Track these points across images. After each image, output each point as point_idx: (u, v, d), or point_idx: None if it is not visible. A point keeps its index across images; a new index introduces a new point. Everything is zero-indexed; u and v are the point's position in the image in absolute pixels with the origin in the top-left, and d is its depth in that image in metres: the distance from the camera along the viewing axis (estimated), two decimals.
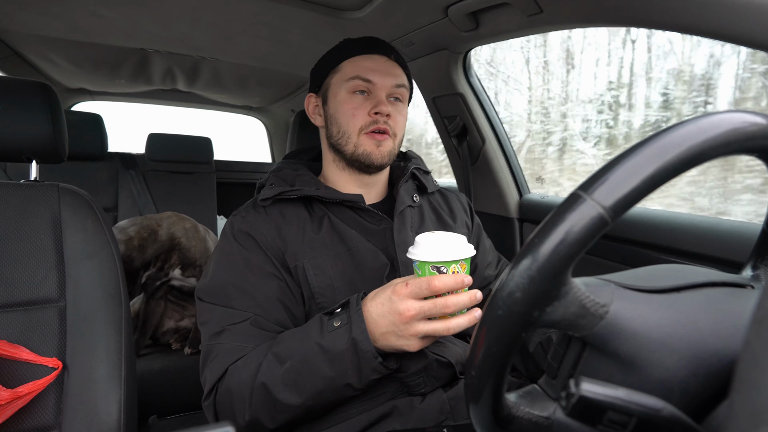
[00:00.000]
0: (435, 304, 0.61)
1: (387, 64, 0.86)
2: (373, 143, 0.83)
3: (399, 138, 0.87)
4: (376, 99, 0.83)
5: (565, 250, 0.32)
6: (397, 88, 0.86)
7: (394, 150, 0.87)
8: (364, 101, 0.83)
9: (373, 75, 0.83)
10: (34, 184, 0.87)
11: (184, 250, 1.43)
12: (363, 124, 0.83)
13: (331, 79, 0.87)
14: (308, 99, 0.93)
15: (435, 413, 0.75)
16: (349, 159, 0.85)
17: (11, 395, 0.71)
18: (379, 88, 0.84)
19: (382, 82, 0.84)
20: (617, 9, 0.80)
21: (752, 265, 0.45)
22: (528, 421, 0.37)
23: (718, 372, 0.34)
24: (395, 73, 0.86)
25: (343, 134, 0.84)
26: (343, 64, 0.86)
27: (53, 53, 1.60)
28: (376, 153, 0.83)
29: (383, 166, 0.86)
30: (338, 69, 0.86)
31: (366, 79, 0.83)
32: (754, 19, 0.62)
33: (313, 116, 0.92)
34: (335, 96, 0.86)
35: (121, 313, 0.86)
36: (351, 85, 0.83)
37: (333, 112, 0.86)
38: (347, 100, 0.84)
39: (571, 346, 0.38)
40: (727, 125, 0.33)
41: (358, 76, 0.83)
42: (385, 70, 0.85)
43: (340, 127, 0.84)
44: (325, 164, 0.92)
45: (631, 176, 0.32)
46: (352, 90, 0.84)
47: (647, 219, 0.99)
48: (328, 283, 0.78)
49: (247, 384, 0.68)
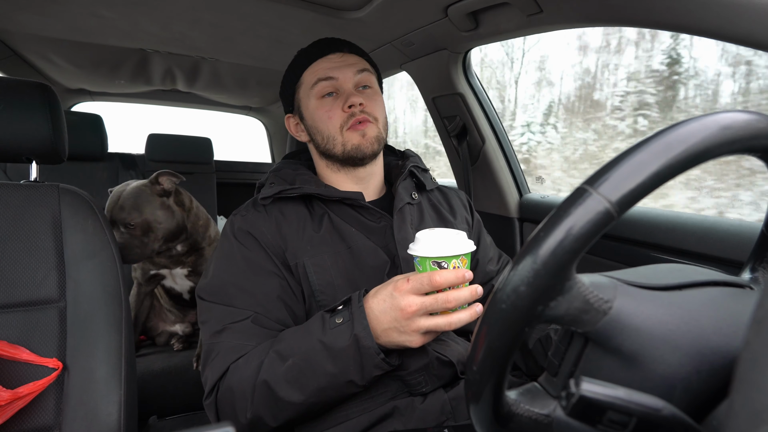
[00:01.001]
0: (436, 299, 0.61)
1: (343, 58, 0.87)
2: (358, 134, 0.83)
3: (382, 121, 0.88)
4: (344, 94, 0.84)
5: (571, 244, 0.32)
6: (361, 74, 0.87)
7: (381, 134, 0.87)
8: (334, 101, 0.85)
9: (333, 71, 0.85)
10: (34, 185, 0.87)
11: (191, 229, 1.41)
12: (341, 121, 0.84)
13: (299, 94, 0.89)
14: (287, 121, 0.94)
15: (436, 413, 0.75)
16: (342, 159, 0.86)
17: (11, 396, 0.71)
18: (343, 81, 0.85)
19: (343, 75, 0.85)
20: (617, 9, 0.80)
21: (751, 267, 0.45)
22: (528, 419, 0.37)
23: (719, 369, 0.34)
24: (353, 62, 0.87)
25: (328, 138, 0.85)
26: (303, 75, 0.88)
27: (53, 53, 1.60)
28: (364, 142, 0.84)
29: (375, 153, 0.86)
30: (301, 82, 0.88)
31: (327, 77, 0.84)
32: (754, 19, 0.62)
33: (297, 135, 0.93)
34: (307, 107, 0.87)
35: (121, 314, 0.86)
36: (317, 90, 0.85)
37: (311, 122, 0.87)
38: (319, 105, 0.85)
39: (573, 343, 0.38)
40: (731, 124, 0.33)
41: (319, 79, 0.85)
42: (342, 63, 0.86)
43: (322, 133, 0.85)
44: (320, 170, 0.93)
45: (636, 172, 0.32)
46: (320, 95, 0.85)
47: (647, 219, 0.99)
48: (329, 281, 0.79)
49: (248, 382, 0.68)
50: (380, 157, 0.92)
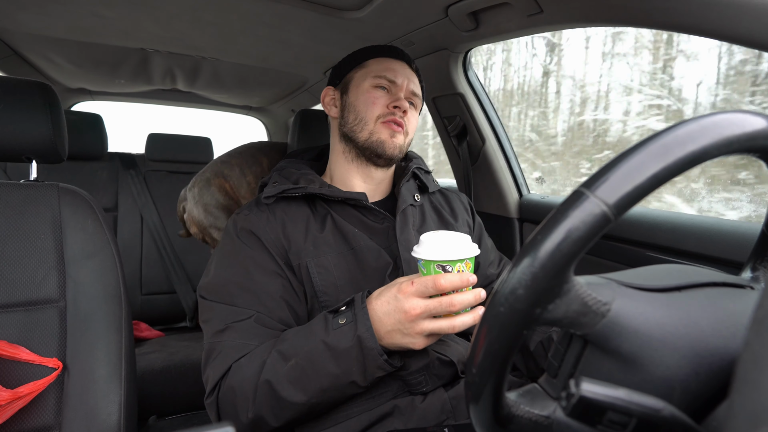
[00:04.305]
0: (441, 302, 0.61)
1: (408, 71, 0.92)
2: (388, 132, 0.86)
3: (410, 138, 0.91)
4: (396, 95, 0.87)
5: (568, 247, 0.32)
6: (414, 96, 0.91)
7: (404, 147, 0.89)
8: (384, 95, 0.88)
9: (398, 77, 0.89)
10: (33, 184, 0.87)
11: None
12: (381, 112, 0.86)
13: (355, 73, 0.91)
14: (325, 91, 0.96)
15: (436, 413, 0.75)
16: (362, 147, 0.87)
17: (11, 395, 0.71)
18: (400, 89, 0.88)
19: (404, 84, 0.89)
20: (617, 9, 0.80)
21: (751, 266, 0.45)
22: (528, 420, 0.37)
23: (719, 371, 0.34)
24: (414, 81, 0.92)
25: (360, 120, 0.87)
26: (369, 61, 0.91)
27: (53, 53, 1.60)
28: (390, 143, 0.85)
29: (393, 159, 0.88)
30: (364, 65, 0.91)
31: (391, 79, 0.88)
32: (754, 19, 0.62)
33: (328, 107, 0.95)
34: (358, 87, 0.89)
35: (121, 313, 0.86)
36: (375, 81, 0.88)
37: (353, 100, 0.89)
38: (369, 90, 0.88)
39: (572, 345, 0.38)
40: (730, 125, 0.33)
41: (384, 76, 0.88)
42: (407, 76, 0.90)
43: (358, 113, 0.87)
44: (333, 157, 0.93)
45: (634, 174, 0.32)
46: (376, 84, 0.88)
47: (647, 219, 0.99)
48: (332, 281, 0.79)
49: (251, 382, 0.68)
50: (393, 165, 0.94)
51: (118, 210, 1.90)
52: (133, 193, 1.92)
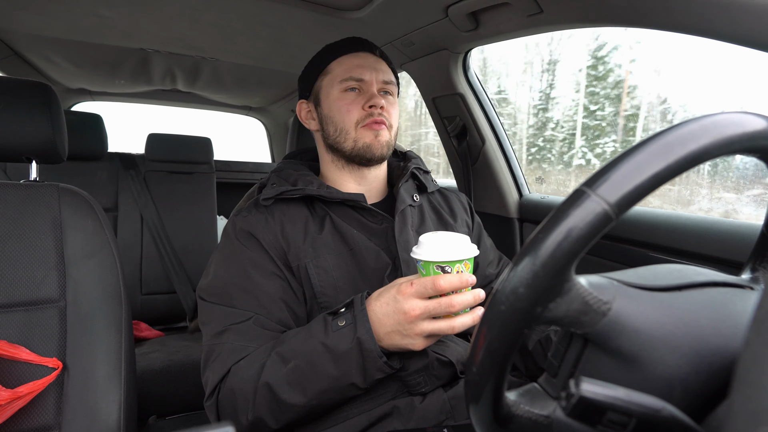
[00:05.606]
0: (440, 303, 0.61)
1: (374, 60, 0.88)
2: (372, 134, 0.84)
3: (395, 129, 0.89)
4: (368, 94, 0.85)
5: (569, 246, 0.32)
6: (386, 84, 0.88)
7: (392, 141, 0.87)
8: (356, 97, 0.85)
9: (364, 72, 0.85)
10: (33, 184, 0.87)
11: None
12: (359, 117, 0.84)
13: (322, 82, 0.89)
14: (299, 106, 0.94)
15: (435, 413, 0.75)
16: (349, 155, 0.85)
17: (11, 395, 0.71)
18: (370, 84, 0.85)
19: (372, 78, 0.86)
20: (617, 9, 0.80)
21: (751, 267, 0.45)
22: (528, 419, 0.37)
23: (719, 370, 0.34)
24: (383, 69, 0.88)
25: (341, 131, 0.85)
26: (331, 65, 0.88)
27: (53, 53, 1.60)
28: (376, 143, 0.84)
29: (383, 157, 0.86)
30: (327, 71, 0.88)
31: (358, 78, 0.85)
32: (754, 19, 0.62)
33: (306, 122, 0.93)
34: (328, 96, 0.87)
35: (121, 313, 0.86)
36: (343, 85, 0.85)
37: (327, 111, 0.87)
38: (340, 97, 0.85)
39: (573, 344, 0.38)
40: (731, 124, 0.33)
41: (350, 77, 0.85)
42: (373, 67, 0.87)
43: (336, 124, 0.85)
44: (324, 166, 0.93)
45: (635, 173, 0.32)
46: (344, 89, 0.85)
47: (647, 219, 0.99)
48: (331, 282, 0.78)
49: (250, 384, 0.68)
50: (385, 162, 0.92)
51: (118, 210, 1.90)
52: (133, 193, 1.92)
